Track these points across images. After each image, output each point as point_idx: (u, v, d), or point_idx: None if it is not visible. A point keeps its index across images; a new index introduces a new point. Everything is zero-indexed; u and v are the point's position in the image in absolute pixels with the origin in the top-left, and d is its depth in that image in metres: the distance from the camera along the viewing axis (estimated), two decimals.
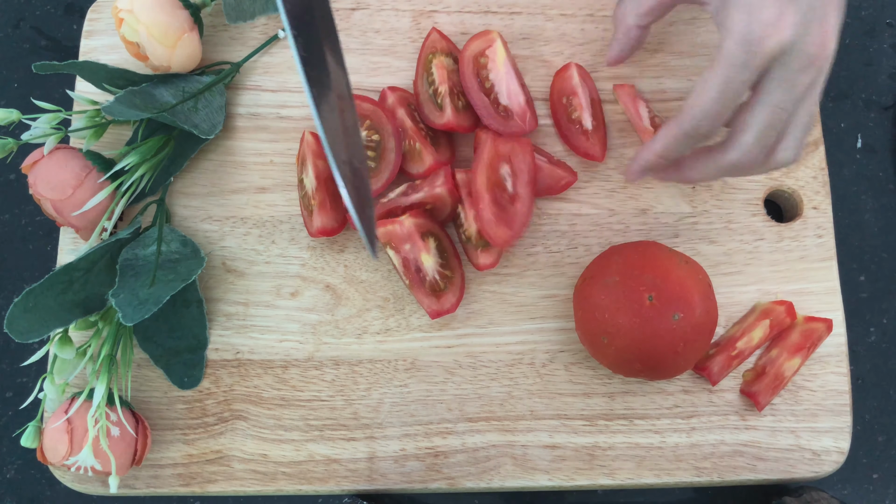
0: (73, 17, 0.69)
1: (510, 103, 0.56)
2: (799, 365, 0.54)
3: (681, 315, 0.48)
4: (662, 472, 0.54)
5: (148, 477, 0.54)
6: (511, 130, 0.55)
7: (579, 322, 0.52)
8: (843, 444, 0.54)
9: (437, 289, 0.54)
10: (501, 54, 0.56)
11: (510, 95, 0.56)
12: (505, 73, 0.56)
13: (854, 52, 0.67)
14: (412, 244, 0.54)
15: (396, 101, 0.57)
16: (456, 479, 0.54)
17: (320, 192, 0.56)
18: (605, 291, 0.50)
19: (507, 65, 0.56)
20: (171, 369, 0.55)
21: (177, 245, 0.56)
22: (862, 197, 0.65)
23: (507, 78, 0.56)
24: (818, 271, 0.57)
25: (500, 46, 0.56)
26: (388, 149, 0.55)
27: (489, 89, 0.56)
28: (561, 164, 0.57)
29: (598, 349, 0.51)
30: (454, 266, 0.56)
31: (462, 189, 0.55)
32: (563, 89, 0.58)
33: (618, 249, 0.53)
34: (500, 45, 0.56)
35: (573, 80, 0.58)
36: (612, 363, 0.52)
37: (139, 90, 0.55)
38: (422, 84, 0.57)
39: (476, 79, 0.56)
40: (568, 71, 0.58)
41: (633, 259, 0.51)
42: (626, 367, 0.51)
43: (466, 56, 0.56)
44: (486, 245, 0.55)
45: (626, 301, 0.49)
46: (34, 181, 0.53)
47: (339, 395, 0.55)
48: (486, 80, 0.56)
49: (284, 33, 0.61)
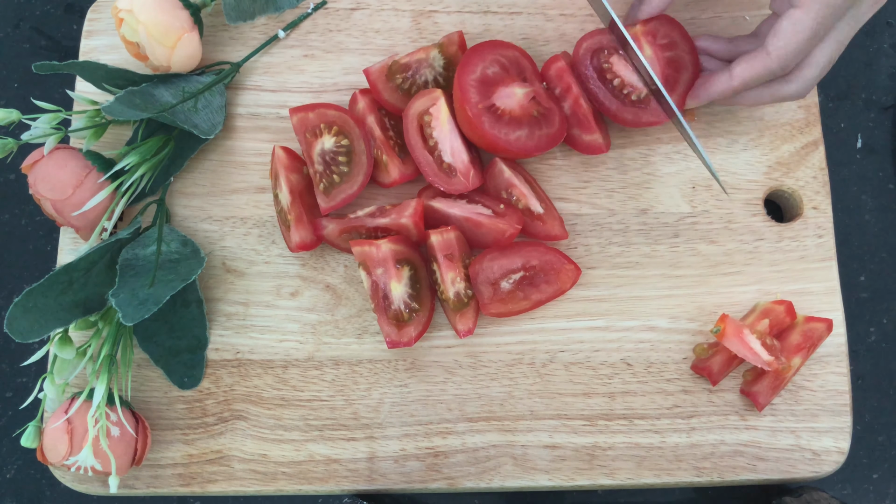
0: (73, 17, 0.69)
1: (454, 161, 0.55)
2: (799, 365, 0.54)
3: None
4: (662, 472, 0.54)
5: (148, 477, 0.54)
6: (454, 188, 0.55)
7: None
8: (843, 444, 0.54)
9: (401, 319, 0.54)
10: (445, 112, 0.55)
11: (454, 153, 0.55)
12: (449, 130, 0.55)
13: (854, 52, 0.67)
14: (385, 269, 0.54)
15: (366, 107, 0.56)
16: (456, 479, 0.54)
17: (296, 206, 0.55)
18: None
19: (451, 123, 0.55)
20: (171, 369, 0.55)
21: (177, 245, 0.56)
22: (862, 197, 0.65)
23: (451, 136, 0.55)
24: (818, 271, 0.57)
25: (443, 105, 0.55)
26: (359, 152, 0.55)
27: (432, 147, 0.55)
28: (505, 215, 0.55)
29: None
30: (424, 299, 0.55)
31: (437, 252, 0.54)
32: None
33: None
34: (443, 103, 0.55)
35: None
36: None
37: (139, 90, 0.55)
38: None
39: (420, 137, 0.55)
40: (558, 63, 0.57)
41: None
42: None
43: (410, 114, 0.55)
44: (463, 307, 0.54)
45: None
46: (34, 181, 0.53)
47: (339, 395, 0.55)
48: (429, 137, 0.55)
49: (284, 33, 0.61)
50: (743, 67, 0.50)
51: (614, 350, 0.56)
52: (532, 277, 0.55)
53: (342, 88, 0.60)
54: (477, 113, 0.53)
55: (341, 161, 0.55)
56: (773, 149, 0.59)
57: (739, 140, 0.59)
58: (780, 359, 0.52)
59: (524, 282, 0.54)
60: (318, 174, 0.55)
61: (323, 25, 0.61)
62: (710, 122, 0.59)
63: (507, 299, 0.54)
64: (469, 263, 0.55)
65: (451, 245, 0.54)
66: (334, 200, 0.55)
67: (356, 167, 0.55)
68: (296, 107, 0.55)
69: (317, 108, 0.55)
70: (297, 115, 0.55)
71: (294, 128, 0.56)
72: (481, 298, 0.54)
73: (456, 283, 0.54)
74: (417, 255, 0.55)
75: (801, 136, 0.59)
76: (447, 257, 0.54)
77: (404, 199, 0.57)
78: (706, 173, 0.59)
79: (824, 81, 0.66)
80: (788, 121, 0.59)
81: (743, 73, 0.51)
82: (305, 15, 0.61)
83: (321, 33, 0.61)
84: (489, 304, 0.54)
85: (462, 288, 0.54)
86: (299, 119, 0.55)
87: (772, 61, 0.49)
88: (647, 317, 0.56)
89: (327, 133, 0.55)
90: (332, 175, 0.55)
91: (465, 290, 0.54)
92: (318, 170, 0.55)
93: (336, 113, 0.55)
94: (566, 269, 0.55)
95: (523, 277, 0.54)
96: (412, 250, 0.55)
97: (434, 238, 0.54)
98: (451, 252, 0.54)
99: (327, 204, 0.55)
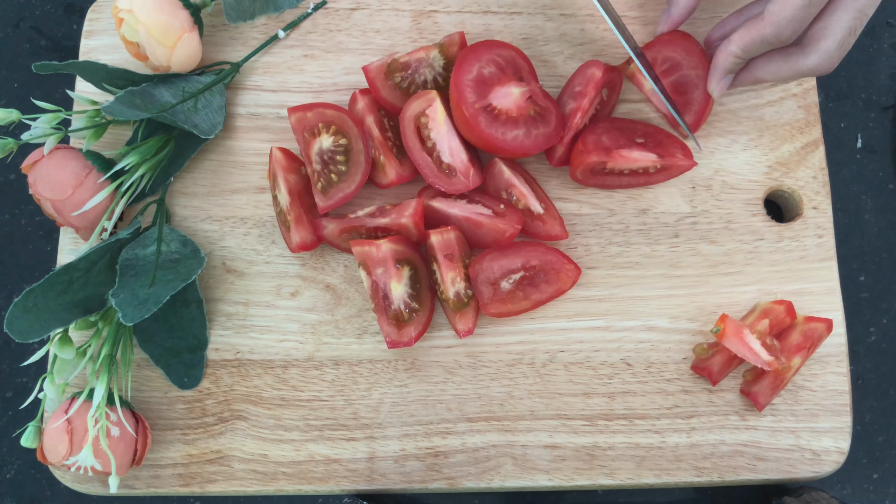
0: (73, 17, 0.69)
1: (453, 161, 0.55)
2: (799, 365, 0.54)
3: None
4: (662, 472, 0.54)
5: (148, 477, 0.54)
6: (455, 188, 0.55)
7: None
8: (843, 444, 0.54)
9: (401, 319, 0.54)
10: (441, 113, 0.55)
11: (452, 153, 0.55)
12: (446, 131, 0.55)
13: (854, 52, 0.67)
14: (385, 269, 0.54)
15: (366, 108, 0.56)
16: (456, 479, 0.54)
17: (295, 206, 0.55)
18: None
19: (448, 123, 0.55)
20: (171, 369, 0.55)
21: (177, 245, 0.56)
22: (862, 197, 0.65)
23: (449, 136, 0.55)
24: (818, 271, 0.57)
25: (439, 106, 0.55)
26: (357, 151, 0.55)
27: (431, 148, 0.55)
28: (505, 215, 0.55)
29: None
30: (425, 299, 0.55)
31: (437, 252, 0.54)
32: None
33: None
34: (439, 104, 0.55)
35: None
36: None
37: (139, 90, 0.55)
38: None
39: (417, 138, 0.55)
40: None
41: None
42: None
43: (407, 116, 0.55)
44: (463, 307, 0.55)
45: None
46: (34, 181, 0.53)
47: (339, 395, 0.55)
48: (427, 139, 0.55)
49: (284, 33, 0.61)
50: (739, 33, 0.50)
51: (614, 350, 0.56)
52: (532, 277, 0.55)
53: (342, 88, 0.60)
54: (473, 113, 0.53)
55: (339, 161, 0.55)
56: (773, 149, 0.59)
57: (739, 140, 0.59)
58: (780, 359, 0.52)
59: (524, 282, 0.54)
60: (315, 173, 0.55)
61: (323, 25, 0.61)
62: (711, 121, 0.59)
63: (507, 299, 0.54)
64: (469, 263, 0.55)
65: (451, 245, 0.54)
66: (332, 200, 0.55)
67: (354, 167, 0.55)
68: (294, 106, 0.56)
69: (315, 107, 0.55)
70: (296, 115, 0.55)
71: (292, 127, 0.56)
72: (481, 298, 0.54)
73: (456, 283, 0.54)
74: (417, 255, 0.55)
75: (801, 135, 0.59)
76: (447, 257, 0.54)
77: (403, 199, 0.57)
78: (706, 173, 0.59)
79: (824, 81, 0.66)
80: (788, 121, 0.59)
81: (739, 39, 0.50)
82: (305, 15, 0.61)
83: (321, 33, 0.61)
84: (489, 304, 0.54)
85: (462, 288, 0.54)
86: (297, 118, 0.55)
87: (764, 26, 0.48)
88: (647, 317, 0.56)
89: (325, 133, 0.55)
90: (330, 174, 0.55)
91: (465, 290, 0.54)
92: (316, 169, 0.55)
93: (334, 112, 0.55)
94: (566, 268, 0.55)
95: (523, 277, 0.54)
96: (412, 250, 0.55)
97: (434, 238, 0.54)
98: (451, 252, 0.54)
99: (325, 203, 0.55)
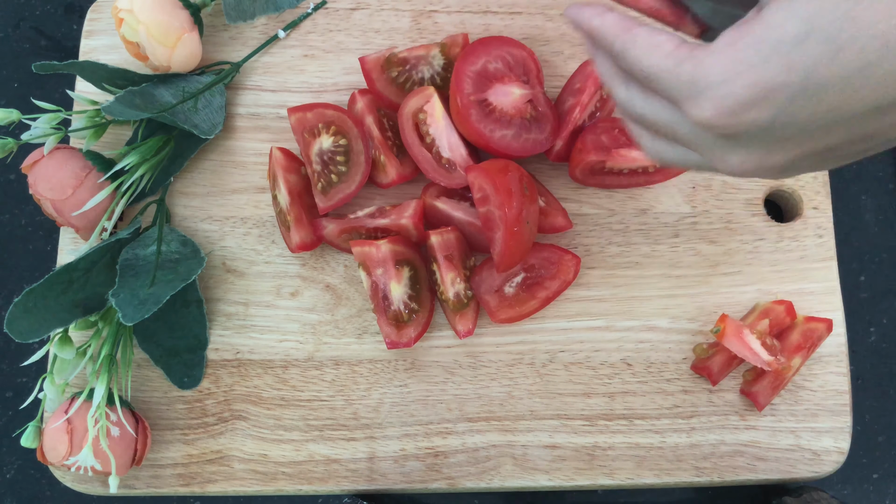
0: (73, 17, 0.69)
1: (452, 155, 0.55)
2: (799, 365, 0.54)
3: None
4: (662, 472, 0.54)
5: (148, 477, 0.54)
6: (455, 182, 0.55)
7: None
8: (843, 444, 0.54)
9: (401, 319, 0.54)
10: (439, 109, 0.55)
11: (451, 148, 0.55)
12: (444, 126, 0.55)
13: None
14: (384, 270, 0.54)
15: (365, 108, 0.56)
16: (456, 479, 0.54)
17: (295, 207, 0.55)
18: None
19: (446, 119, 0.55)
20: (171, 369, 0.55)
21: (177, 245, 0.56)
22: (862, 197, 0.65)
23: (447, 131, 0.55)
24: (818, 271, 0.57)
25: (436, 101, 0.55)
26: (357, 152, 0.55)
27: (430, 144, 0.55)
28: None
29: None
30: (424, 300, 0.55)
31: (437, 253, 0.54)
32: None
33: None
34: (436, 99, 0.55)
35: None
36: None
37: (139, 90, 0.55)
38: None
39: (416, 134, 0.55)
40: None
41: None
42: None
43: (405, 113, 0.55)
44: (463, 308, 0.55)
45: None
46: (34, 181, 0.53)
47: (339, 395, 0.55)
48: (426, 135, 0.55)
49: (284, 33, 0.61)
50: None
51: (614, 350, 0.56)
52: (534, 277, 0.55)
53: (342, 88, 0.60)
54: (466, 104, 0.53)
55: (339, 161, 0.55)
56: None
57: None
58: (780, 359, 0.52)
59: (527, 282, 0.54)
60: (315, 174, 0.55)
61: (323, 25, 0.61)
62: None
63: (514, 303, 0.54)
64: (469, 265, 0.55)
65: (450, 245, 0.54)
66: (332, 200, 0.55)
67: (354, 167, 0.55)
68: (294, 107, 0.55)
69: (315, 107, 0.55)
70: (295, 115, 0.55)
71: (292, 127, 0.56)
72: (489, 308, 0.54)
73: (455, 283, 0.54)
74: (417, 255, 0.55)
75: None
76: (447, 258, 0.54)
77: (404, 198, 0.57)
78: (706, 173, 0.59)
79: None
80: None
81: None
82: (305, 15, 0.61)
83: (321, 33, 0.61)
84: (497, 311, 0.54)
85: (462, 288, 0.54)
86: (297, 119, 0.55)
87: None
88: (647, 317, 0.56)
89: (325, 133, 0.55)
90: (330, 175, 0.55)
91: (465, 291, 0.54)
92: (316, 169, 0.55)
93: (334, 113, 0.55)
94: (565, 259, 0.55)
95: (525, 279, 0.54)
96: (412, 251, 0.55)
97: (434, 238, 0.54)
98: (450, 252, 0.54)
99: (325, 203, 0.55)
